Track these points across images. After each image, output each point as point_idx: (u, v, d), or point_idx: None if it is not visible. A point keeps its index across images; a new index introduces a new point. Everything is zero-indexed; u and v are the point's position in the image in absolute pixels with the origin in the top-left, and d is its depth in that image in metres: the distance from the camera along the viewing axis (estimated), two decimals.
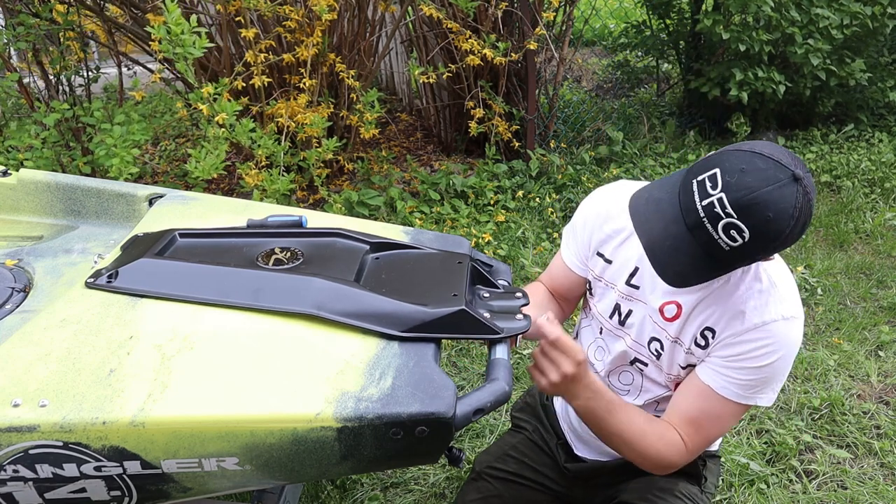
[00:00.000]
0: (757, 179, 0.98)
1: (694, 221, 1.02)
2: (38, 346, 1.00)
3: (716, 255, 1.03)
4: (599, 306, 1.38)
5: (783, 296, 1.17)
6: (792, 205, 0.98)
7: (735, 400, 1.20)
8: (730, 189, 0.99)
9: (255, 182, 2.66)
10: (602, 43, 7.01)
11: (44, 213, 1.54)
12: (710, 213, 1.00)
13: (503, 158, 3.93)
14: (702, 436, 1.24)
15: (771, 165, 0.99)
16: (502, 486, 1.52)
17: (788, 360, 1.18)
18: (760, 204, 0.97)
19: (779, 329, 1.15)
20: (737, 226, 0.99)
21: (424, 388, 0.94)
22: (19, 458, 0.91)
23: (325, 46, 3.12)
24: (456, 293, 1.09)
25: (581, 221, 1.39)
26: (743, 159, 1.01)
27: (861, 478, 2.10)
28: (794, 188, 0.98)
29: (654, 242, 1.06)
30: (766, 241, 1.00)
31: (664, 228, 1.06)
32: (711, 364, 1.21)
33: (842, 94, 4.75)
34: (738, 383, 1.19)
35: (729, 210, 0.98)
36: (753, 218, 0.98)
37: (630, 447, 1.23)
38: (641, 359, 1.33)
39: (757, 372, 1.17)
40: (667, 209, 1.06)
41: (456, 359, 2.59)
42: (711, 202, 1.00)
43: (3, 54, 2.90)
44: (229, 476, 0.95)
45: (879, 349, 2.73)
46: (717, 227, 1.00)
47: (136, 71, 3.63)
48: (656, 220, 1.07)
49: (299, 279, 1.10)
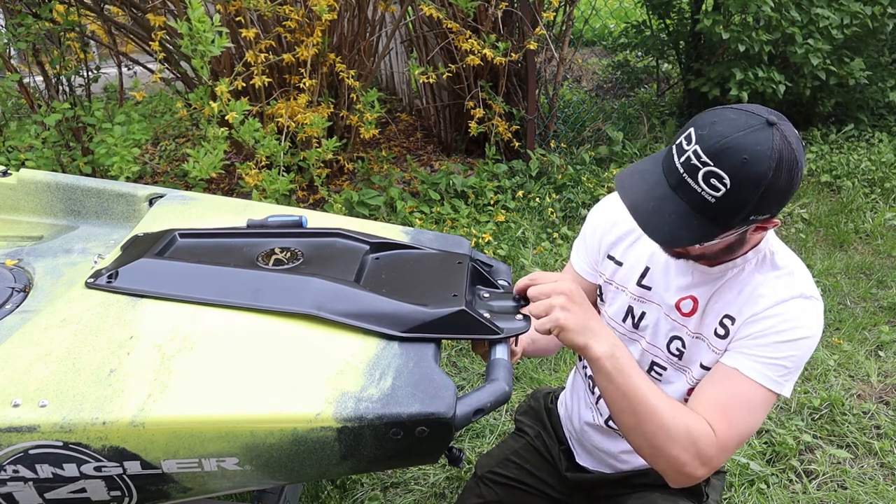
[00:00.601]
0: (728, 128, 1.01)
1: (676, 180, 1.04)
2: (38, 346, 1.00)
3: (705, 211, 1.03)
4: (611, 311, 1.36)
5: (798, 282, 1.16)
6: (769, 147, 0.99)
7: (762, 382, 1.13)
8: (703, 140, 1.01)
9: (255, 182, 2.66)
10: (602, 43, 7.01)
11: (44, 213, 1.54)
12: (688, 167, 1.02)
13: (503, 158, 3.93)
14: (730, 424, 1.11)
15: (742, 115, 1.02)
16: (503, 492, 1.52)
17: (812, 343, 1.15)
18: (733, 148, 0.99)
19: (799, 305, 1.14)
20: (715, 173, 1.00)
21: (424, 389, 0.94)
22: (19, 458, 0.91)
23: (325, 46, 3.12)
24: (456, 293, 1.09)
25: (591, 228, 1.39)
26: (714, 114, 1.04)
27: (861, 478, 2.10)
28: (768, 132, 0.99)
29: (637, 205, 1.08)
30: (749, 186, 1.00)
31: (647, 191, 1.07)
32: (736, 347, 1.17)
33: (842, 94, 4.75)
34: (764, 362, 1.13)
35: (704, 158, 1.00)
36: (728, 162, 0.99)
37: (653, 423, 1.08)
38: (659, 362, 1.30)
39: (782, 348, 1.13)
40: (649, 175, 1.09)
41: (456, 359, 2.59)
42: (688, 156, 1.02)
43: (3, 54, 2.90)
44: (229, 476, 0.95)
45: (879, 349, 2.73)
46: (698, 179, 1.01)
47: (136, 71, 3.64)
48: (640, 184, 1.09)
49: (299, 279, 1.10)
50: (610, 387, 1.09)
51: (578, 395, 1.49)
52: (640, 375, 1.10)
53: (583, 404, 1.46)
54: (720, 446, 1.11)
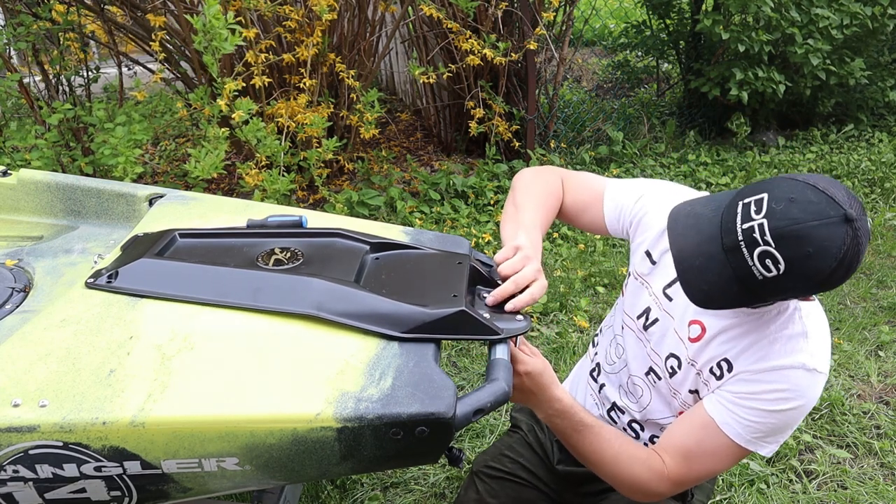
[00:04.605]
0: (804, 212, 0.92)
1: (731, 243, 0.97)
2: (38, 347, 1.00)
3: (748, 283, 0.98)
4: (627, 303, 1.34)
5: (813, 348, 1.10)
6: (839, 246, 0.91)
7: (735, 440, 1.13)
8: (773, 216, 0.93)
9: (256, 182, 2.66)
10: (602, 43, 7.01)
11: (44, 213, 1.54)
12: (748, 238, 0.95)
13: (503, 158, 3.93)
14: (690, 469, 1.18)
15: (823, 200, 0.93)
16: (498, 486, 1.52)
17: (801, 413, 1.12)
18: (802, 237, 0.92)
19: (798, 377, 1.09)
20: (773, 255, 0.93)
21: (424, 389, 0.94)
22: (19, 458, 0.91)
23: (325, 46, 3.12)
24: (456, 294, 1.09)
25: (653, 205, 1.29)
26: (794, 188, 0.95)
27: (861, 478, 2.10)
28: (843, 229, 0.91)
29: (684, 256, 1.03)
30: (802, 277, 0.95)
31: (698, 245, 1.01)
32: (721, 397, 1.15)
33: (842, 94, 4.75)
34: (743, 423, 1.13)
35: (768, 237, 0.93)
36: (792, 250, 0.92)
37: (602, 470, 1.21)
38: (657, 371, 1.29)
39: (766, 416, 1.12)
40: (705, 226, 1.02)
41: (456, 359, 2.59)
42: (752, 226, 0.95)
43: (3, 54, 2.90)
44: (229, 476, 0.95)
45: (879, 349, 2.73)
46: (753, 254, 0.95)
47: (137, 71, 3.64)
48: (692, 234, 1.03)
49: (299, 280, 1.10)
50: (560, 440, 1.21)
51: (580, 384, 1.50)
52: (584, 437, 1.18)
53: (587, 394, 1.48)
54: (672, 484, 1.19)
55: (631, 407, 1.36)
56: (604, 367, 1.43)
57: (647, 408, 1.33)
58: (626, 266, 3.20)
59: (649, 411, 1.32)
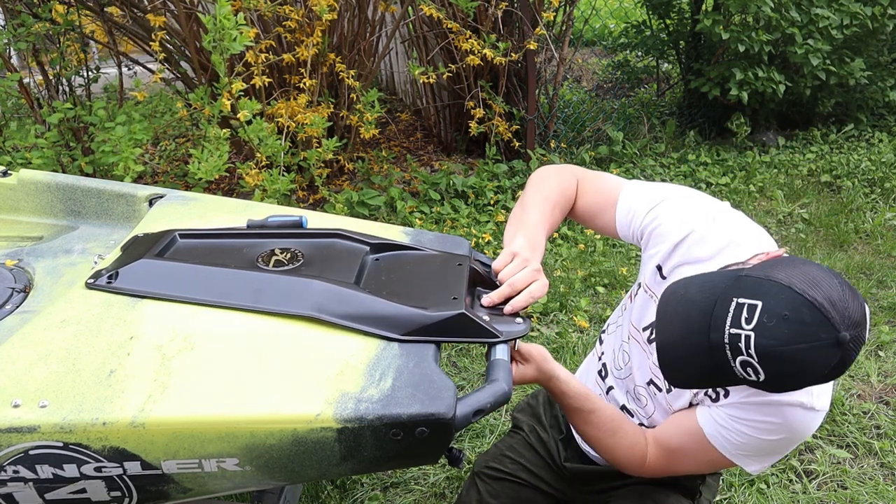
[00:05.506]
0: (794, 333, 0.89)
1: (716, 341, 0.95)
2: (39, 347, 1.00)
3: (728, 375, 0.97)
4: (635, 315, 1.33)
5: (814, 388, 1.09)
6: (825, 367, 0.90)
7: (721, 451, 1.15)
8: (762, 332, 0.90)
9: (256, 182, 2.66)
10: (602, 43, 7.01)
11: (44, 213, 1.54)
12: (733, 344, 0.93)
13: (503, 158, 3.93)
14: (669, 464, 1.22)
15: (817, 321, 0.88)
16: (499, 486, 1.52)
17: (792, 444, 1.15)
18: (786, 360, 0.90)
19: (794, 415, 1.09)
20: (755, 367, 0.92)
21: (424, 389, 0.95)
22: (19, 458, 0.91)
23: (325, 46, 3.12)
24: (456, 296, 1.09)
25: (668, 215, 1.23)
26: (791, 303, 0.90)
27: (861, 478, 2.10)
28: (833, 352, 0.89)
29: (666, 346, 1.02)
30: (781, 387, 0.97)
31: (683, 338, 0.99)
32: (714, 412, 1.16)
33: (842, 94, 4.75)
34: (731, 441, 1.14)
35: (752, 352, 0.92)
36: (774, 367, 0.91)
37: (598, 442, 1.27)
38: (657, 383, 1.29)
39: (755, 441, 1.13)
40: (695, 316, 0.98)
41: (456, 359, 2.59)
42: (739, 335, 0.92)
43: (3, 54, 2.90)
44: (229, 477, 0.95)
45: (879, 349, 2.73)
46: (736, 359, 0.94)
47: (137, 71, 3.63)
48: (682, 320, 1.00)
49: (299, 281, 1.10)
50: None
51: (588, 383, 1.50)
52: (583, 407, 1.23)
53: (595, 390, 1.48)
54: (647, 471, 1.26)
55: (639, 412, 1.36)
56: (612, 370, 1.43)
57: (652, 416, 1.33)
58: (626, 266, 3.20)
59: (654, 420, 1.33)
